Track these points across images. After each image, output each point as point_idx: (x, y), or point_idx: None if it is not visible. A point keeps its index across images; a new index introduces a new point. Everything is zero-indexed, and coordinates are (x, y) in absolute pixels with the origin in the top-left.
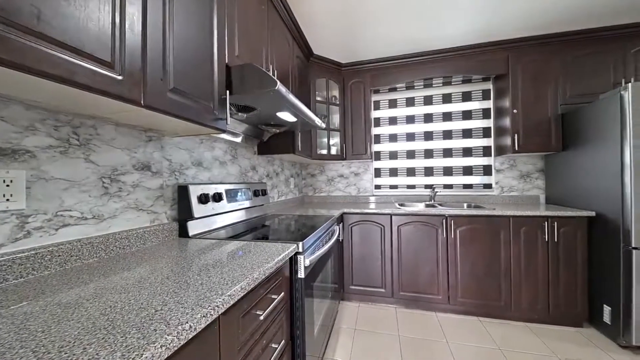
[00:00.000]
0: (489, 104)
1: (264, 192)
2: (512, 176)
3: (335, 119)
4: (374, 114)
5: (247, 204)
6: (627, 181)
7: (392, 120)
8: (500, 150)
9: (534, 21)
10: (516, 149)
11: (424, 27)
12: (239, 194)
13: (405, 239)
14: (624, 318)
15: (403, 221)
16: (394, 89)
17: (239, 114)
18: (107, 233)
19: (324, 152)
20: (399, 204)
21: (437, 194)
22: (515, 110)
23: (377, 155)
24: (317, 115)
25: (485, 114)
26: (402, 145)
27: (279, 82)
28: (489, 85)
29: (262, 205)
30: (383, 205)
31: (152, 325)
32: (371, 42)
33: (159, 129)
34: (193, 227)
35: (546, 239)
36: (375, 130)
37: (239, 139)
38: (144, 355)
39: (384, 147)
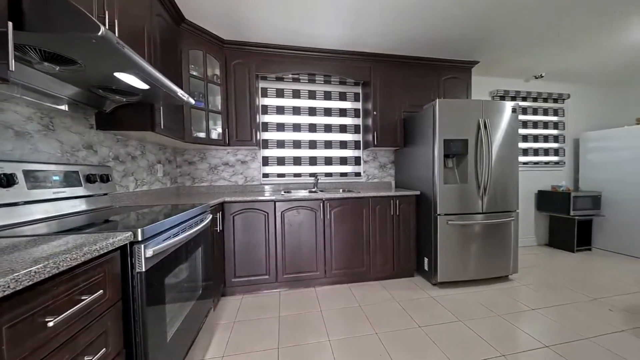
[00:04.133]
0: (359, 105)
1: (106, 178)
2: (374, 166)
3: (217, 101)
4: (262, 101)
5: (69, 192)
6: (435, 169)
7: (280, 110)
8: (366, 145)
9: (386, 42)
10: (375, 143)
11: (303, 23)
12: (56, 178)
13: (288, 223)
14: (434, 265)
15: (286, 207)
16: (280, 79)
17: (45, 63)
18: None
19: (202, 135)
20: (284, 192)
21: (319, 181)
22: (375, 113)
23: (265, 144)
24: (191, 91)
25: (356, 113)
26: (289, 135)
27: (103, 28)
28: (359, 90)
29: (105, 195)
30: (269, 194)
31: None
32: (255, 25)
33: None
34: None
35: (392, 214)
36: (263, 118)
37: (62, 106)
38: None
39: (272, 135)
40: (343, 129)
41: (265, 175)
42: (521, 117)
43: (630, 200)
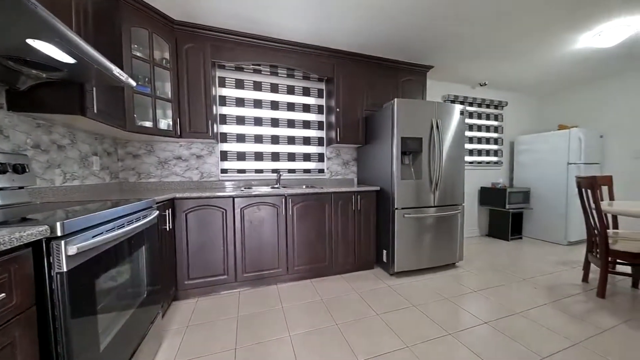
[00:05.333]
0: (323, 101)
1: (22, 169)
2: (338, 163)
3: (167, 87)
4: (220, 91)
5: None
6: (394, 165)
7: (240, 102)
8: (329, 141)
9: (350, 40)
10: (338, 140)
11: (256, 11)
12: None
13: (248, 220)
14: (392, 256)
15: (246, 203)
16: (240, 69)
17: None
18: None
19: (148, 124)
20: (245, 188)
21: (282, 177)
22: (338, 110)
23: (224, 137)
24: (134, 74)
25: (320, 110)
26: (250, 129)
27: None
28: (323, 86)
29: (21, 188)
30: (229, 190)
31: None
32: (206, 6)
33: None
34: None
35: (353, 209)
36: (221, 110)
37: None
38: None
39: (232, 129)
40: (307, 124)
41: (224, 171)
42: (467, 120)
43: (551, 195)
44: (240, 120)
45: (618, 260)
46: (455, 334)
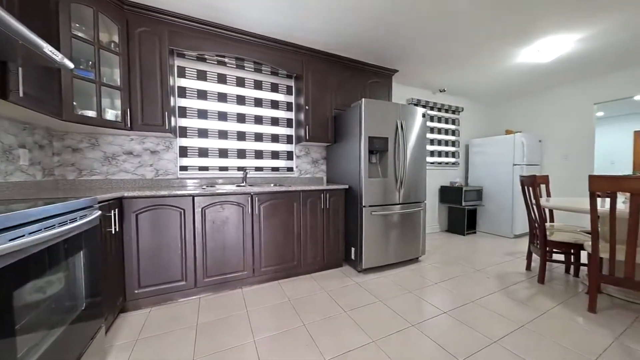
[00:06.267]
0: (292, 98)
1: None
2: (307, 161)
3: (116, 74)
4: (179, 81)
5: None
6: (362, 163)
7: (202, 95)
8: (299, 139)
9: (319, 39)
10: (307, 138)
11: None
12: None
13: (210, 221)
14: (360, 253)
15: (208, 202)
16: (203, 59)
17: None
18: None
19: (92, 114)
20: (207, 186)
21: (249, 176)
22: (307, 107)
23: (184, 132)
24: (74, 56)
25: (289, 107)
26: (213, 124)
27: None
28: (292, 83)
29: None
30: (190, 189)
31: None
32: None
33: None
34: None
35: (322, 207)
36: (180, 102)
37: None
38: None
39: (193, 123)
40: (275, 121)
41: (184, 168)
42: (428, 123)
43: (499, 193)
44: (203, 114)
45: (554, 250)
46: (418, 325)
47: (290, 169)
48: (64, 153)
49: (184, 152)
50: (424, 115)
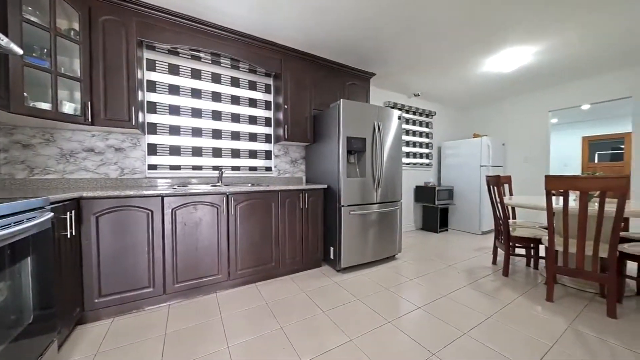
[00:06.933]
0: (270, 97)
1: None
2: (286, 161)
3: (76, 64)
4: (148, 75)
5: None
6: (340, 163)
7: (174, 90)
8: (277, 139)
9: (298, 38)
10: (286, 137)
11: None
12: None
13: (182, 222)
14: (339, 253)
15: (180, 203)
16: (175, 53)
17: None
18: None
19: (46, 106)
20: (179, 186)
21: (225, 175)
22: (286, 106)
23: (153, 129)
24: (25, 43)
25: (267, 105)
26: (187, 121)
27: None
28: (270, 81)
29: None
30: (160, 189)
31: None
32: None
33: None
34: None
35: (301, 207)
36: (150, 97)
37: None
38: None
39: (163, 119)
40: (253, 120)
41: (153, 167)
42: (404, 125)
43: (468, 192)
44: (175, 111)
45: (517, 245)
46: (395, 321)
47: (268, 169)
48: (12, 149)
49: (153, 149)
50: (399, 118)
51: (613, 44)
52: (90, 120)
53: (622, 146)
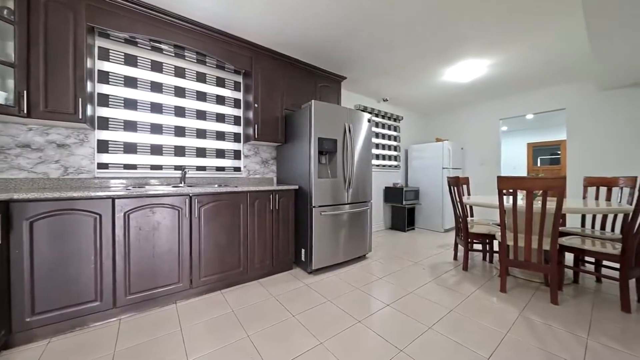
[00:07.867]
0: (240, 95)
1: None
2: (256, 162)
3: (9, 47)
4: (100, 65)
5: None
6: (311, 164)
7: (131, 82)
8: (247, 138)
9: (269, 35)
10: (256, 137)
11: None
12: None
13: (136, 227)
14: (310, 254)
15: (134, 205)
16: (133, 42)
17: None
18: None
19: None
20: (134, 187)
21: (188, 175)
22: (256, 105)
23: (104, 123)
24: None
25: (237, 104)
26: (145, 116)
27: None
28: (240, 79)
29: None
30: (111, 189)
31: None
32: None
33: None
34: None
35: (271, 208)
36: (101, 88)
37: None
38: None
39: (117, 113)
40: (221, 118)
41: (104, 166)
42: (373, 129)
43: (432, 193)
44: (131, 105)
45: (474, 240)
46: (364, 320)
47: (237, 169)
48: None
49: (104, 146)
50: (369, 121)
51: (552, 62)
52: (25, 111)
53: (559, 152)
